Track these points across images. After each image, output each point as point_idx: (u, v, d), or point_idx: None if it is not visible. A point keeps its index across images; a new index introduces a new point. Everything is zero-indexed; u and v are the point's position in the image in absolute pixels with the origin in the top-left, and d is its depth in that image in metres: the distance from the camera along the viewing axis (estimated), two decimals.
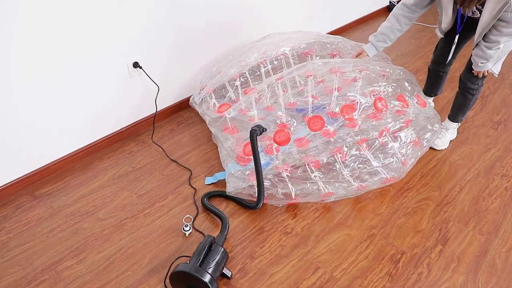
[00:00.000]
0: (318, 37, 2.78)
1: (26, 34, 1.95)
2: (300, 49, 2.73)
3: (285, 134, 2.11)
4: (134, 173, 2.35)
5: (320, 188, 2.04)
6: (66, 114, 2.28)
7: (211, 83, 2.61)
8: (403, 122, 2.15)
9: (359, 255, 1.84)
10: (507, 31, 1.93)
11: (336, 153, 2.09)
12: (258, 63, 2.63)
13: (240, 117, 2.36)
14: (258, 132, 1.95)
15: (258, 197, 1.99)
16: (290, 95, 2.40)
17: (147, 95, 2.64)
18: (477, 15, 2.02)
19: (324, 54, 2.73)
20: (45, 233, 1.99)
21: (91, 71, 2.28)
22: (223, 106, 2.47)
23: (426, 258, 1.82)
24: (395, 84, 2.28)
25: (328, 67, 2.26)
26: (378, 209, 2.07)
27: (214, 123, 2.48)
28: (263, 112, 2.33)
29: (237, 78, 2.60)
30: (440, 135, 2.43)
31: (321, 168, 2.12)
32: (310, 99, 2.24)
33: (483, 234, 1.93)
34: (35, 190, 2.25)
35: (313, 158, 2.09)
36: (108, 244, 1.93)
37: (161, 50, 2.58)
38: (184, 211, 2.09)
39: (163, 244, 1.92)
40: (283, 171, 2.08)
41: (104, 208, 2.12)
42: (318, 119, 2.12)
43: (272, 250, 1.88)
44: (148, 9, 2.39)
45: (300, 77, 2.56)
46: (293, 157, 2.12)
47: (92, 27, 2.18)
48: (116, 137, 2.59)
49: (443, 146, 2.45)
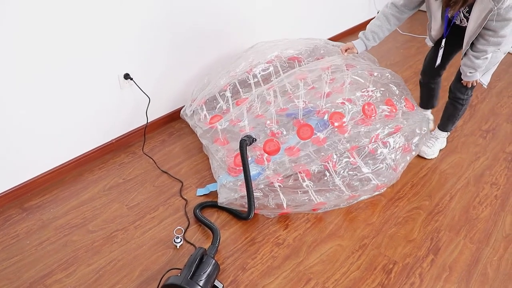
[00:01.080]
0: (304, 41, 2.79)
1: (14, 44, 1.95)
2: (288, 54, 2.73)
3: (275, 143, 2.11)
4: (124, 184, 2.34)
5: (312, 198, 2.04)
6: (55, 126, 2.26)
7: (202, 95, 2.61)
8: (392, 128, 2.16)
9: (351, 266, 1.84)
10: (494, 40, 1.96)
11: (327, 161, 2.09)
12: (246, 71, 2.63)
13: (231, 128, 2.36)
14: (247, 142, 1.95)
15: (248, 207, 1.99)
16: (280, 101, 2.39)
17: (138, 106, 2.63)
18: (464, 23, 2.05)
19: (311, 59, 2.73)
20: (34, 246, 1.97)
21: (81, 82, 2.27)
22: (214, 117, 2.47)
23: (418, 268, 1.82)
24: (383, 88, 2.30)
25: (319, 66, 2.26)
26: (370, 219, 2.08)
27: (205, 134, 2.48)
28: (254, 120, 2.32)
29: (227, 89, 2.60)
30: (429, 144, 2.45)
31: (312, 177, 2.12)
32: (300, 102, 2.23)
33: (474, 243, 1.94)
34: (24, 202, 2.22)
35: (304, 167, 2.09)
36: (98, 257, 1.91)
37: (152, 62, 2.58)
38: (175, 223, 2.08)
39: (154, 256, 1.90)
40: (275, 181, 2.08)
41: (94, 220, 2.10)
42: (307, 128, 2.13)
43: (263, 262, 1.87)
44: (139, 21, 2.39)
45: (290, 84, 2.55)
46: (284, 166, 2.12)
47: (83, 38, 2.18)
48: (107, 149, 2.57)
49: (433, 155, 2.46)
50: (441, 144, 2.51)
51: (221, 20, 2.88)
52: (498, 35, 1.93)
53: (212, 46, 2.90)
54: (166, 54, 2.64)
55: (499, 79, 3.32)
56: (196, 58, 2.84)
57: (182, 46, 2.71)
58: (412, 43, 4.02)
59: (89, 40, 2.21)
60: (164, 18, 2.51)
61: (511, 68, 3.52)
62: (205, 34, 2.81)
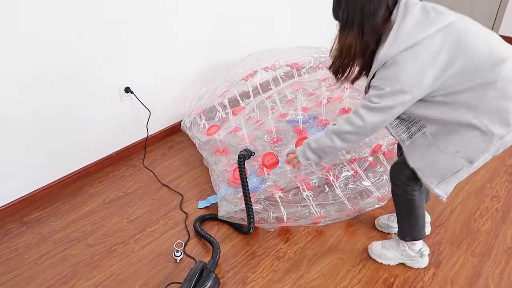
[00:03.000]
0: (302, 50, 2.79)
1: (14, 56, 1.96)
2: (286, 62, 2.71)
3: (274, 157, 2.09)
4: (124, 198, 2.33)
5: (313, 211, 2.03)
6: (55, 139, 2.27)
7: (200, 104, 2.62)
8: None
9: (352, 279, 1.83)
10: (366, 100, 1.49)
11: (328, 172, 2.08)
12: (243, 78, 2.62)
13: (231, 138, 2.35)
14: (246, 156, 1.95)
15: (248, 222, 1.98)
16: (280, 107, 2.38)
17: (139, 119, 2.64)
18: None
19: (312, 65, 2.70)
20: (33, 260, 1.96)
21: (82, 95, 2.29)
22: (212, 127, 2.46)
23: (419, 282, 1.81)
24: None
25: (317, 77, 2.27)
26: (371, 232, 2.07)
27: (204, 146, 2.48)
28: (253, 128, 2.31)
29: (225, 97, 2.60)
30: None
31: (312, 190, 2.11)
32: (299, 112, 2.23)
33: (476, 256, 1.92)
34: (24, 216, 2.21)
35: (305, 178, 2.08)
36: (98, 271, 1.89)
37: (152, 75, 2.60)
38: (175, 236, 2.07)
39: (153, 270, 1.89)
40: (276, 193, 2.07)
41: (94, 234, 2.09)
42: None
43: (264, 275, 1.86)
44: (139, 34, 2.41)
45: (290, 93, 2.56)
46: (285, 177, 2.11)
47: (84, 52, 2.20)
48: (107, 162, 2.57)
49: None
50: None
51: (220, 33, 2.91)
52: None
53: (213, 61, 2.92)
54: (166, 67, 2.66)
55: None
56: (197, 73, 2.86)
57: (182, 59, 2.73)
58: None
59: (90, 53, 2.23)
60: (165, 31, 2.54)
61: None
62: (205, 48, 2.84)
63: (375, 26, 1.40)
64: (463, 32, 1.38)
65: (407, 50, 1.36)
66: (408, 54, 1.36)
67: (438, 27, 1.36)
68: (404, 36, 1.36)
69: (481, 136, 1.43)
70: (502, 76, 1.37)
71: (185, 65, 2.76)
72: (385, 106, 1.42)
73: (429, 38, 1.36)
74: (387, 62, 1.39)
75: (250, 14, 3.06)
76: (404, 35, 1.36)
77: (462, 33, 1.38)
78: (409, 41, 1.35)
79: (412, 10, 1.38)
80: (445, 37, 1.36)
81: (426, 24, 1.36)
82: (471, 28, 1.42)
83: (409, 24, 1.36)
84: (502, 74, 1.37)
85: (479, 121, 1.41)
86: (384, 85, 1.41)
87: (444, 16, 1.39)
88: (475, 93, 1.39)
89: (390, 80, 1.40)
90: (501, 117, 1.41)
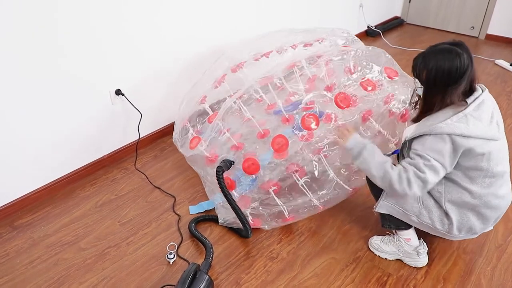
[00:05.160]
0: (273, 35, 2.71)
1: (6, 59, 1.95)
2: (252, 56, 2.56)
3: (254, 162, 2.00)
4: (117, 200, 2.32)
5: (312, 201, 2.03)
6: (46, 142, 2.25)
7: (182, 113, 2.52)
8: (382, 99, 2.14)
9: (346, 279, 1.83)
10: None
11: (319, 153, 2.06)
12: (217, 82, 2.48)
13: (217, 141, 2.22)
14: (224, 168, 1.94)
15: (244, 227, 1.98)
16: (275, 96, 2.30)
17: (130, 122, 2.63)
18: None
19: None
20: (24, 265, 1.94)
21: (72, 98, 2.27)
22: (194, 140, 2.32)
23: (412, 280, 1.82)
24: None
25: (286, 65, 2.21)
26: (363, 231, 2.07)
27: (192, 159, 2.38)
28: (239, 124, 2.23)
29: (204, 102, 2.45)
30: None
31: (308, 174, 2.08)
32: (279, 102, 2.17)
33: (468, 253, 1.94)
34: (15, 220, 2.19)
35: (298, 165, 2.05)
36: (90, 275, 1.88)
37: (143, 77, 2.59)
38: (168, 239, 2.06)
39: (146, 273, 1.88)
40: (270, 188, 2.05)
41: (86, 238, 2.08)
42: (281, 139, 2.00)
43: (258, 276, 1.85)
44: (129, 37, 2.40)
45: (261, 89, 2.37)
46: (278, 169, 2.06)
47: (74, 54, 2.18)
48: (99, 165, 2.56)
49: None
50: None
51: (212, 38, 2.91)
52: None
53: (203, 64, 2.92)
54: (158, 70, 2.65)
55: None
56: (188, 75, 2.85)
57: (173, 62, 2.72)
58: (402, 56, 4.07)
59: (80, 56, 2.22)
60: (156, 34, 2.53)
61: (499, 80, 3.57)
62: (196, 51, 2.83)
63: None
64: (500, 157, 1.62)
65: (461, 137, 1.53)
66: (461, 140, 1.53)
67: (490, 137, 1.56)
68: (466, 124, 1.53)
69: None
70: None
71: (177, 69, 2.75)
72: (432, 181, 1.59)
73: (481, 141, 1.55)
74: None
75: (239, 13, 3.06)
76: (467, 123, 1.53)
77: (500, 157, 1.62)
78: (467, 133, 1.52)
79: (483, 110, 1.57)
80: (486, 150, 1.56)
81: (486, 131, 1.55)
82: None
83: (476, 121, 1.54)
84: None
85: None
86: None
87: (500, 133, 1.60)
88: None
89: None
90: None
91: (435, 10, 4.89)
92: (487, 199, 1.63)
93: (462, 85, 1.54)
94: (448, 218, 1.68)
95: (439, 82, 1.54)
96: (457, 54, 1.51)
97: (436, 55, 1.54)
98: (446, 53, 1.52)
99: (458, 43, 1.56)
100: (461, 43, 1.56)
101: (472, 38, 4.64)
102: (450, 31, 4.85)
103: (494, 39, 4.54)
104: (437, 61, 1.53)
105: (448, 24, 4.84)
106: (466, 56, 1.51)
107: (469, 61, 1.52)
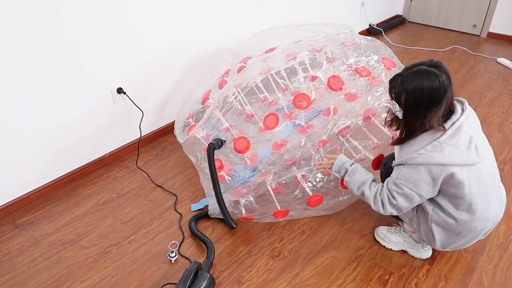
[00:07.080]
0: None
1: (8, 57, 1.95)
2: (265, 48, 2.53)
3: (245, 140, 1.99)
4: (118, 199, 2.32)
5: (307, 191, 2.03)
6: (48, 140, 2.25)
7: (183, 111, 2.51)
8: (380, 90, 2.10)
9: (347, 277, 1.83)
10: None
11: (320, 146, 2.04)
12: (223, 73, 2.48)
13: (214, 131, 2.20)
14: (216, 146, 1.91)
15: (224, 218, 1.98)
16: (269, 97, 2.27)
17: (131, 120, 2.63)
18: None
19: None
20: (26, 263, 1.94)
21: (74, 96, 2.27)
22: (191, 128, 2.30)
23: (414, 278, 1.82)
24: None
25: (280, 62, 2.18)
26: (365, 229, 2.07)
27: (188, 148, 2.34)
28: (242, 120, 2.23)
29: (208, 97, 2.43)
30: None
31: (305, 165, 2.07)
32: (281, 100, 2.15)
33: (469, 252, 1.94)
34: (16, 219, 2.20)
35: (297, 160, 2.03)
36: (92, 273, 1.88)
37: (145, 76, 2.59)
38: (170, 237, 2.06)
39: (148, 271, 1.89)
40: (268, 183, 2.04)
41: (88, 236, 2.08)
42: (272, 116, 2.00)
43: (259, 275, 1.86)
44: (131, 36, 2.40)
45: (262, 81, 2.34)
46: (277, 162, 2.04)
47: (76, 52, 2.18)
48: (100, 163, 2.56)
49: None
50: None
51: (214, 37, 2.91)
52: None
53: (204, 62, 2.92)
54: (160, 68, 2.65)
55: (490, 89, 3.35)
56: (190, 73, 2.85)
57: (174, 60, 2.72)
58: (404, 54, 4.06)
59: (82, 54, 2.22)
60: (158, 33, 2.53)
61: (500, 78, 3.56)
62: (197, 50, 2.83)
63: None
64: (482, 180, 1.58)
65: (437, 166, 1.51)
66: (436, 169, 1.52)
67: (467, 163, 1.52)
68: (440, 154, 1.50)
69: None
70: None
71: (179, 68, 2.75)
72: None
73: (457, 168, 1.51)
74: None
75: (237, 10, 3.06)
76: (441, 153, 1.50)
77: (481, 180, 1.57)
78: (443, 161, 1.50)
79: (460, 137, 1.52)
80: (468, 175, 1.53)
81: (465, 157, 1.51)
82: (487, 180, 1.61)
83: (452, 149, 1.50)
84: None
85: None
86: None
87: (479, 157, 1.54)
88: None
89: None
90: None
91: (436, 8, 4.88)
92: (472, 226, 1.62)
93: (442, 108, 1.48)
94: (433, 236, 1.71)
95: (419, 104, 1.49)
96: (435, 75, 1.44)
97: (414, 76, 1.48)
98: (424, 74, 1.46)
99: (436, 64, 1.50)
100: (439, 64, 1.49)
101: (474, 36, 4.63)
102: (452, 29, 4.84)
103: (496, 37, 4.52)
104: (416, 83, 1.46)
105: (450, 23, 4.83)
106: (445, 77, 1.45)
107: (448, 82, 1.46)
